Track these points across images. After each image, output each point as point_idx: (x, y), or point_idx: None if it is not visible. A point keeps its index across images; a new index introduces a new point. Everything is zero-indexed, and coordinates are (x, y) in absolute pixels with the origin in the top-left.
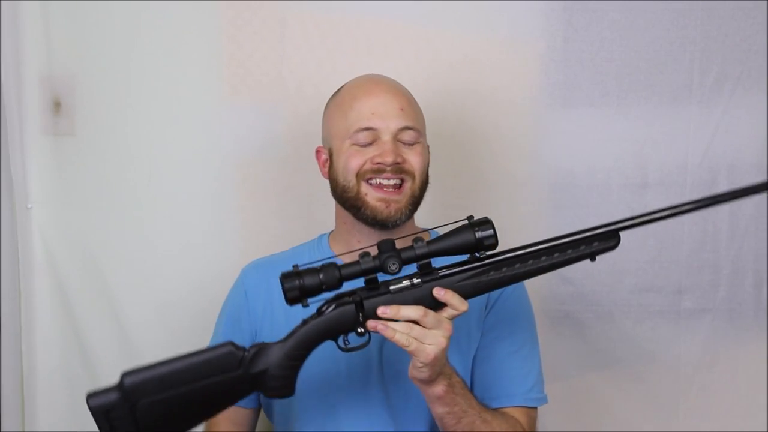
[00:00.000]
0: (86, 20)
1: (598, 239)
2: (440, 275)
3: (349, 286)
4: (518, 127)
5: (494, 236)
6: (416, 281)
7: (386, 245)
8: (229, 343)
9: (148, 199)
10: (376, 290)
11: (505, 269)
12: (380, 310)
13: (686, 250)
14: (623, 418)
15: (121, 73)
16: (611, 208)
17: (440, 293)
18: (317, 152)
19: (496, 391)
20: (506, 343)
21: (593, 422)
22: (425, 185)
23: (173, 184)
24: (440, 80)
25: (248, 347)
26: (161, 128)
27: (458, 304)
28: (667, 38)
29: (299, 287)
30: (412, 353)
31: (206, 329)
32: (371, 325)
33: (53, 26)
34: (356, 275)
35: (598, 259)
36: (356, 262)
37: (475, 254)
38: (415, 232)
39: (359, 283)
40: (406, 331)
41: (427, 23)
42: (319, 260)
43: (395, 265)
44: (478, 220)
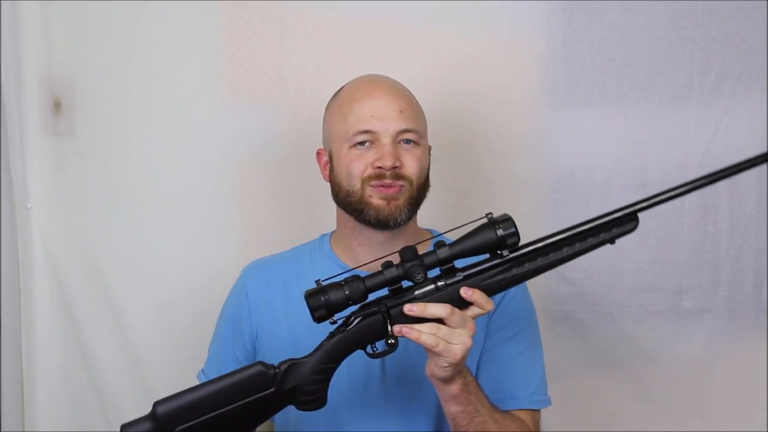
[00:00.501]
0: (86, 20)
1: (616, 223)
2: (464, 276)
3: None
4: (518, 127)
5: (516, 233)
6: (441, 284)
7: (409, 253)
8: (258, 363)
9: (148, 199)
10: (401, 297)
11: (527, 264)
12: (407, 308)
13: (686, 250)
14: (623, 418)
15: (121, 73)
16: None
17: (468, 293)
18: (318, 155)
19: (500, 393)
20: (510, 345)
21: (593, 422)
22: (425, 188)
23: (173, 184)
24: (440, 80)
25: (277, 365)
26: (161, 128)
27: (485, 302)
28: (667, 38)
29: (325, 305)
30: (439, 354)
31: (206, 329)
32: (396, 329)
33: (53, 26)
34: (381, 286)
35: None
36: (380, 272)
37: (496, 252)
38: (417, 233)
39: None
40: (432, 331)
41: (427, 23)
42: (340, 273)
43: (420, 274)
44: (498, 217)
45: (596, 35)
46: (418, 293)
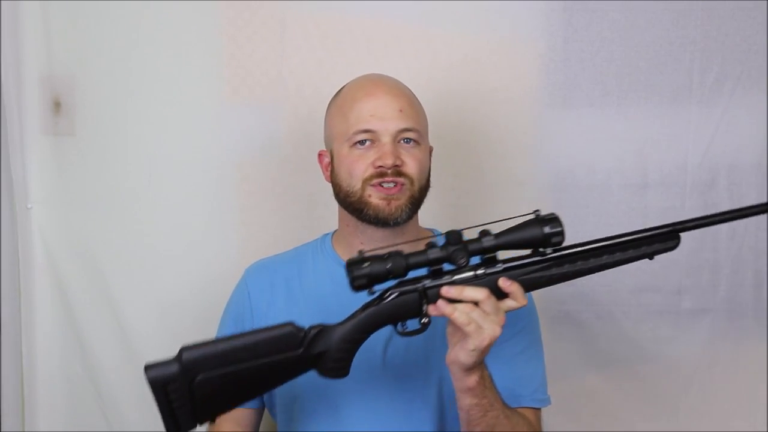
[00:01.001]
0: (86, 20)
1: (659, 239)
2: (504, 268)
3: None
4: (518, 127)
5: (563, 233)
6: (480, 272)
7: (454, 237)
8: (290, 323)
9: (148, 199)
10: (439, 279)
11: (567, 265)
12: (444, 289)
13: (686, 250)
14: (623, 418)
15: (121, 73)
16: (611, 208)
17: (506, 284)
18: (319, 156)
19: (503, 391)
20: (512, 342)
21: (593, 422)
22: (426, 187)
23: (173, 184)
24: (440, 80)
25: (307, 328)
26: (161, 128)
27: (520, 296)
28: (667, 38)
29: (367, 275)
30: (468, 334)
31: (207, 329)
32: (432, 308)
33: (53, 26)
34: (423, 265)
35: None
36: (423, 251)
37: (538, 249)
38: (419, 232)
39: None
40: (466, 310)
41: (427, 23)
42: (382, 247)
43: (463, 258)
44: (546, 215)
45: (596, 35)
46: (456, 278)
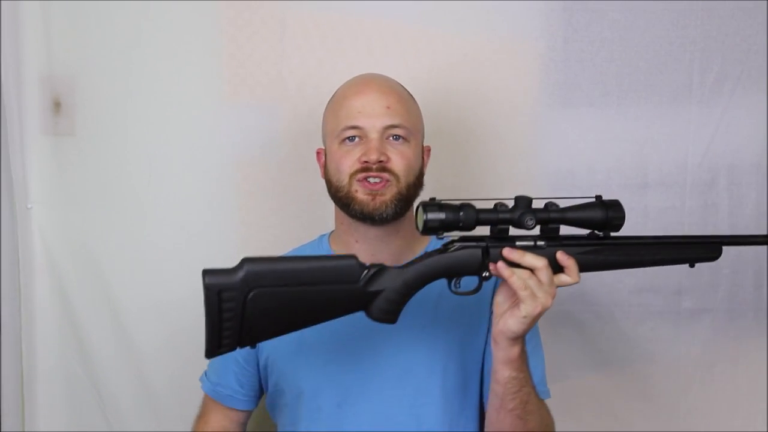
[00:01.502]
0: (86, 20)
1: (704, 249)
2: (563, 243)
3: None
4: (518, 126)
5: (623, 218)
6: (540, 243)
7: (524, 201)
8: (352, 256)
9: (148, 199)
10: (502, 241)
11: (620, 252)
12: (506, 251)
13: None
14: (623, 418)
15: (121, 73)
16: None
17: (564, 257)
18: (317, 154)
19: None
20: None
21: (593, 422)
22: (416, 185)
23: (173, 184)
24: (440, 80)
25: (368, 264)
26: (161, 128)
27: (575, 273)
28: (667, 38)
29: (440, 219)
30: (522, 300)
31: None
32: (492, 267)
33: (53, 26)
34: (492, 222)
35: None
36: (494, 209)
37: (594, 232)
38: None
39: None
40: (524, 276)
41: (427, 23)
42: (456, 199)
43: (531, 221)
44: (609, 200)
45: (596, 35)
46: (519, 244)
